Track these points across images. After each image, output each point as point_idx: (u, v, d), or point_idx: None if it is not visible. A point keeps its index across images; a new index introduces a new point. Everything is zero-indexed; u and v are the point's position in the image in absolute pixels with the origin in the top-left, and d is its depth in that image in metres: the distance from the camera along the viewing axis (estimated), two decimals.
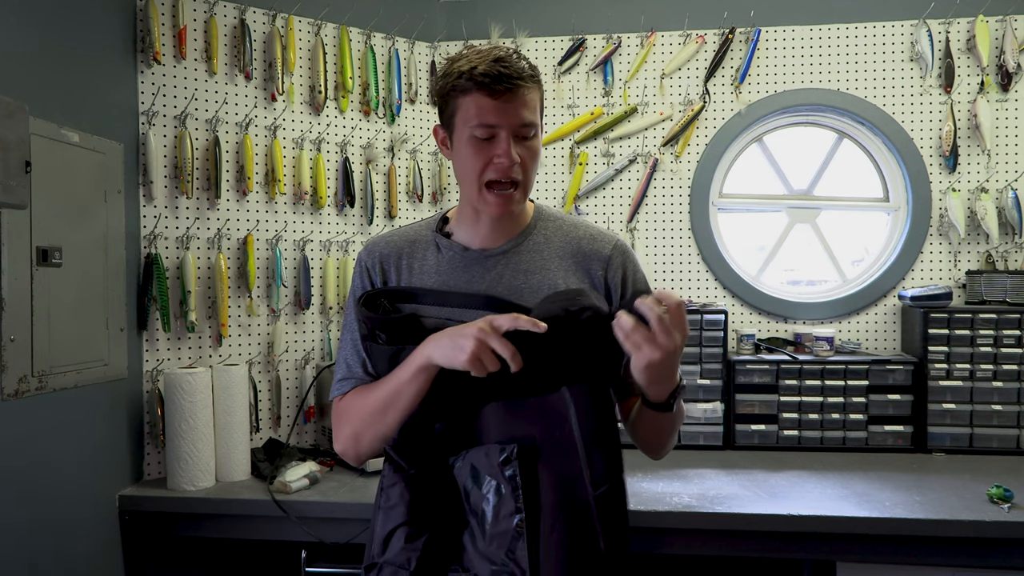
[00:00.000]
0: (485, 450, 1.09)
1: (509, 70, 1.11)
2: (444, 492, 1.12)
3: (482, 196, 1.16)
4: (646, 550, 1.84)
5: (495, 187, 1.15)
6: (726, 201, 2.72)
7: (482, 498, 1.08)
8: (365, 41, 2.53)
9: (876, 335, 2.59)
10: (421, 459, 1.13)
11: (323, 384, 2.36)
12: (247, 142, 2.27)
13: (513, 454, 1.06)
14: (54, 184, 1.73)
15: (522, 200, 1.19)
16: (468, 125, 1.14)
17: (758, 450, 2.36)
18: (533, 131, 1.15)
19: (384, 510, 1.12)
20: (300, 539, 1.92)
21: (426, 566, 1.07)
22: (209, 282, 2.21)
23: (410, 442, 1.13)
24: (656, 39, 2.64)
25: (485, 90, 1.11)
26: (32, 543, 1.64)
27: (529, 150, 1.15)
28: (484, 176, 1.15)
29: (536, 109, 1.16)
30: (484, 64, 1.11)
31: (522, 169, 1.15)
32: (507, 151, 1.12)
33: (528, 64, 1.15)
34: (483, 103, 1.11)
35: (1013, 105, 2.51)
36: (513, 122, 1.12)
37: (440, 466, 1.13)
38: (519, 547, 1.03)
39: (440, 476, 1.13)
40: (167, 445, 2.00)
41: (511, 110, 1.12)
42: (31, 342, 1.64)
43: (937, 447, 2.32)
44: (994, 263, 2.50)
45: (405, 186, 2.64)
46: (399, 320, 1.16)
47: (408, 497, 1.10)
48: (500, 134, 1.13)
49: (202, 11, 2.22)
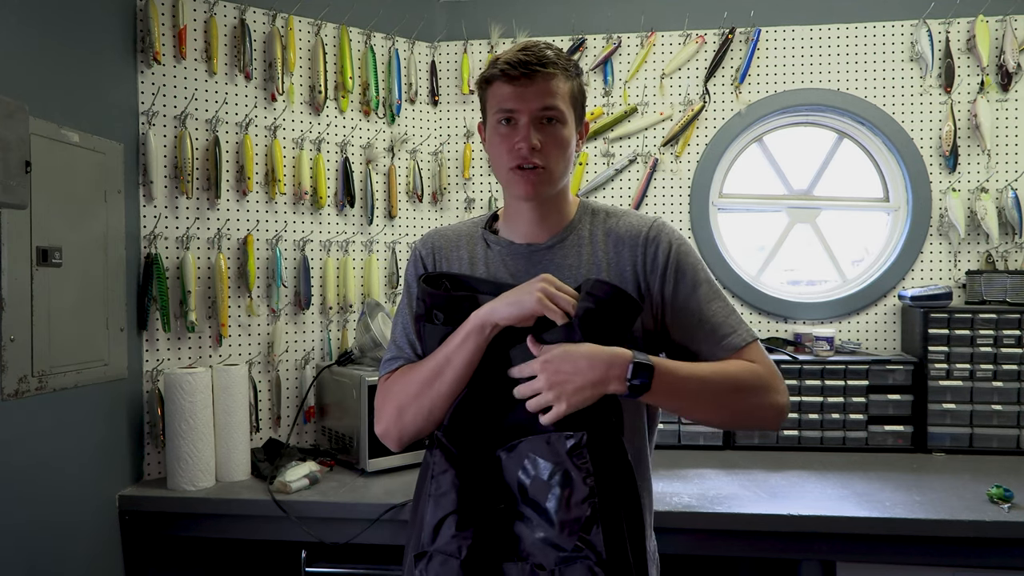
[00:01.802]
0: (546, 438, 1.05)
1: (529, 57, 1.12)
2: (492, 482, 1.10)
3: (509, 180, 1.17)
4: None
5: (518, 171, 1.16)
6: (726, 201, 2.72)
7: (546, 487, 1.04)
8: (365, 41, 2.53)
9: (876, 335, 2.59)
10: (472, 447, 1.11)
11: (323, 384, 2.36)
12: (247, 142, 2.27)
13: (583, 441, 1.03)
14: (54, 184, 1.73)
15: (549, 183, 1.17)
16: (492, 113, 1.17)
17: (758, 450, 2.35)
18: (556, 117, 1.14)
19: (434, 498, 1.09)
20: (300, 539, 1.92)
21: (476, 555, 1.05)
22: (209, 282, 2.21)
23: (462, 428, 1.11)
24: (656, 39, 2.64)
25: (505, 77, 1.13)
26: (32, 543, 1.64)
27: (552, 136, 1.15)
28: (508, 161, 1.16)
29: (561, 96, 1.15)
30: (509, 53, 1.15)
31: (544, 154, 1.14)
32: (526, 136, 1.13)
33: (556, 53, 1.16)
34: (504, 90, 1.14)
35: (1013, 105, 2.51)
36: (532, 107, 1.13)
37: (488, 456, 1.11)
38: (594, 532, 1.01)
39: (489, 466, 1.10)
40: (167, 445, 2.00)
41: (529, 95, 1.13)
42: (31, 342, 1.64)
43: (937, 447, 2.32)
44: (994, 263, 2.50)
45: (405, 186, 2.64)
46: (458, 299, 1.15)
47: (459, 484, 1.07)
48: (520, 119, 1.14)
49: (202, 11, 2.22)
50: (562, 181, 1.20)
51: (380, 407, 1.23)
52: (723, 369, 1.13)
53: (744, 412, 1.15)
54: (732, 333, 1.16)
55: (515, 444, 1.08)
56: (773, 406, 1.14)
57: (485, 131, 1.22)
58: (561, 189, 1.21)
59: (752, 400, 1.13)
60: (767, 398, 1.14)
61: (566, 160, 1.18)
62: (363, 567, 1.98)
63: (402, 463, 2.17)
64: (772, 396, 1.14)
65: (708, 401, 1.12)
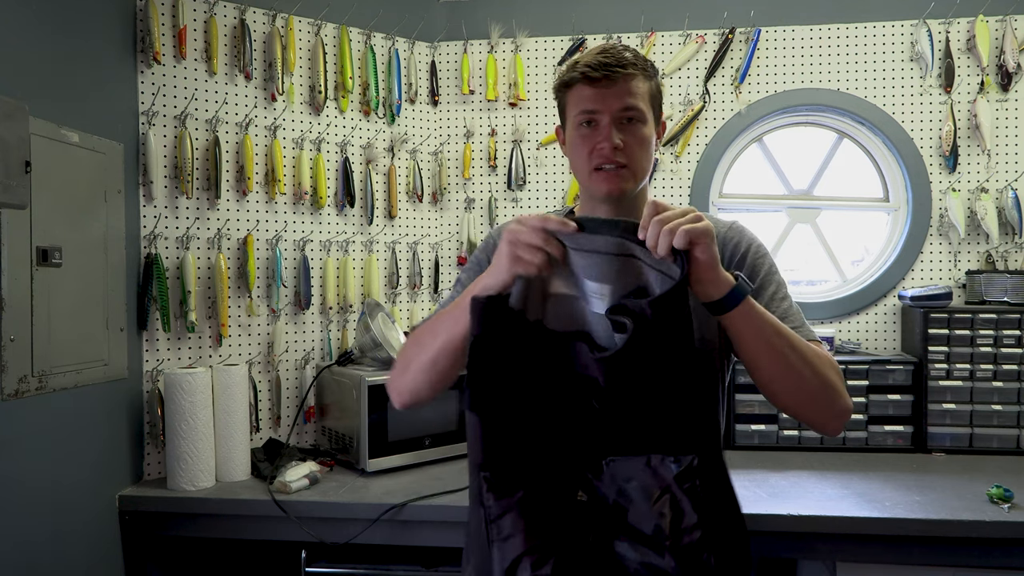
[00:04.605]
0: (646, 460, 0.97)
1: (609, 59, 1.14)
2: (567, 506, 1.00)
3: (592, 180, 1.18)
4: None
5: (601, 171, 1.16)
6: (726, 201, 2.72)
7: (650, 514, 0.96)
8: (365, 41, 2.53)
9: (876, 335, 2.59)
10: (528, 479, 1.01)
11: (323, 384, 2.36)
12: (247, 142, 2.27)
13: (694, 465, 0.94)
14: (54, 184, 1.73)
15: (632, 180, 1.17)
16: (573, 115, 1.18)
17: (758, 450, 2.35)
18: (637, 116, 1.16)
19: (498, 544, 1.01)
20: (300, 539, 1.92)
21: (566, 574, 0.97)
22: (209, 282, 2.21)
23: (508, 462, 1.01)
24: (656, 39, 2.64)
25: (586, 80, 1.15)
26: (32, 543, 1.64)
27: (634, 136, 1.16)
28: (590, 162, 1.17)
29: (641, 96, 1.17)
30: (588, 56, 1.16)
31: (626, 154, 1.15)
32: (608, 136, 1.14)
33: (634, 55, 1.18)
34: (584, 92, 1.16)
35: (1013, 105, 2.51)
36: (613, 107, 1.14)
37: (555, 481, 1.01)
38: (704, 559, 0.94)
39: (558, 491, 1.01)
40: (167, 445, 2.00)
41: (610, 96, 1.14)
42: (31, 342, 1.64)
43: (937, 447, 2.32)
44: (994, 263, 2.50)
45: (405, 186, 2.64)
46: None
47: (523, 524, 0.99)
48: (602, 120, 1.15)
49: (202, 11, 2.22)
50: (644, 179, 1.21)
51: (395, 362, 1.25)
52: (805, 342, 1.11)
53: (818, 388, 1.10)
54: (802, 326, 1.19)
55: (609, 461, 0.99)
56: (843, 398, 1.12)
57: (564, 134, 1.24)
58: (641, 189, 1.22)
59: (827, 378, 1.10)
60: (839, 387, 1.12)
61: (648, 158, 1.19)
62: (363, 567, 1.98)
63: (402, 463, 2.17)
64: (843, 389, 1.13)
65: (787, 354, 1.07)
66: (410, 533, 1.88)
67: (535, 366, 1.01)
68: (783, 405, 1.15)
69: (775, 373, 1.09)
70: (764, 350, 1.07)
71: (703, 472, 0.95)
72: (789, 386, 1.11)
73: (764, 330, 1.05)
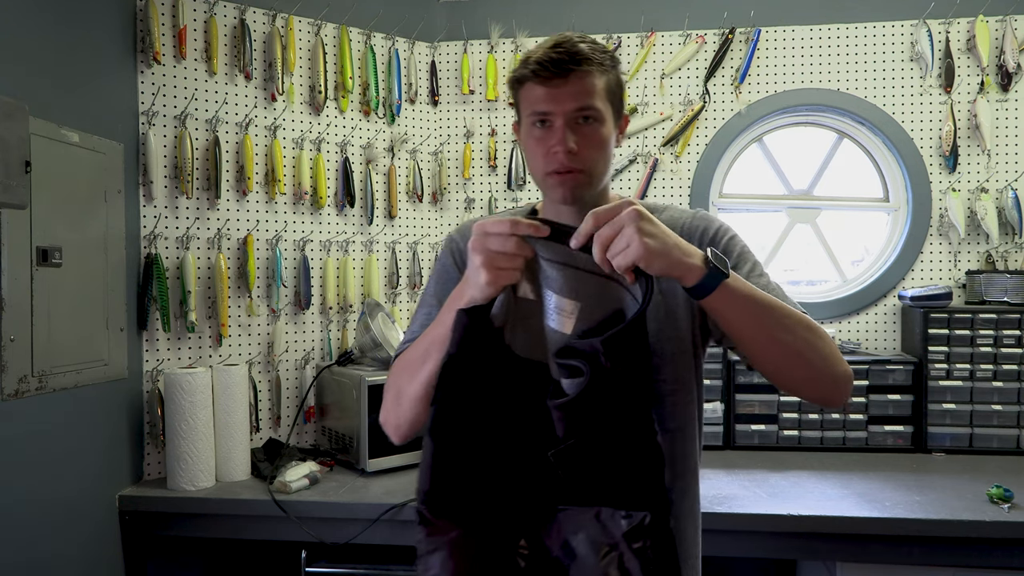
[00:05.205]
0: (595, 513, 0.88)
1: (562, 54, 1.05)
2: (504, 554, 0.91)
3: (547, 184, 1.11)
4: None
5: (556, 175, 1.09)
6: (726, 201, 2.72)
7: (595, 570, 0.87)
8: (365, 41, 2.53)
9: (876, 335, 2.59)
10: (469, 518, 0.90)
11: (323, 384, 2.36)
12: (247, 142, 2.27)
13: (645, 523, 0.86)
14: (54, 184, 1.73)
15: (589, 185, 1.10)
16: (526, 115, 1.11)
17: (758, 450, 2.36)
18: (593, 116, 1.08)
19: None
20: (300, 539, 1.92)
21: None
22: (209, 282, 2.21)
23: (450, 493, 0.91)
24: (656, 39, 2.64)
25: (538, 78, 1.06)
26: (32, 543, 1.64)
27: (590, 137, 1.08)
28: (545, 166, 1.09)
29: (597, 93, 1.08)
30: (540, 51, 1.07)
31: (581, 158, 1.07)
32: (561, 139, 1.06)
33: (591, 47, 1.08)
34: (536, 92, 1.07)
35: (1013, 105, 2.51)
36: (567, 108, 1.06)
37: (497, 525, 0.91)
38: None
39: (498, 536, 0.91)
40: (167, 445, 2.00)
41: (563, 96, 1.06)
42: (31, 342, 1.64)
43: (937, 447, 2.32)
44: (994, 263, 2.50)
45: (405, 186, 2.64)
46: None
47: (452, 566, 0.90)
48: (555, 122, 1.07)
49: (202, 11, 2.22)
50: (602, 181, 1.13)
51: (384, 395, 1.14)
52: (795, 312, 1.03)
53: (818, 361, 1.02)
54: (785, 300, 1.09)
55: (559, 512, 0.91)
56: (841, 364, 1.04)
57: (520, 132, 1.16)
58: (602, 189, 1.15)
59: (825, 348, 1.03)
60: (836, 354, 1.04)
61: (605, 160, 1.12)
62: (363, 567, 1.98)
63: (402, 463, 2.17)
64: (840, 355, 1.05)
65: (780, 326, 0.99)
66: (410, 533, 1.87)
67: (503, 395, 0.92)
68: (783, 381, 1.08)
69: (769, 347, 1.02)
70: (754, 325, 0.99)
71: (654, 532, 0.87)
72: (786, 359, 1.03)
73: (750, 305, 0.97)
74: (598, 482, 0.88)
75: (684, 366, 1.14)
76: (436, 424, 0.91)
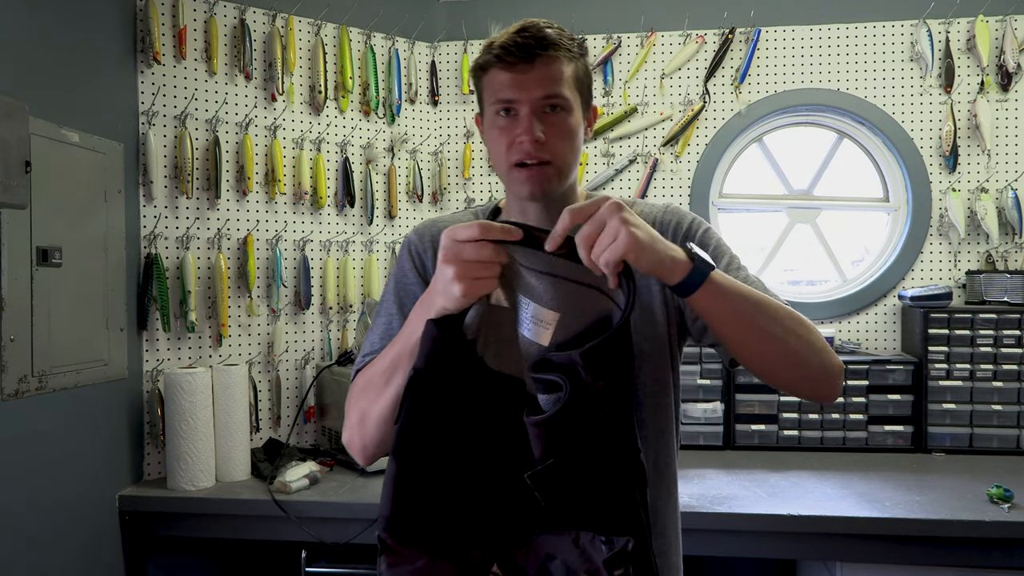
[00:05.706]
0: (573, 538, 0.83)
1: (527, 39, 1.01)
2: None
3: (512, 177, 1.05)
4: None
5: (522, 167, 1.03)
6: (726, 201, 2.72)
7: None
8: (365, 41, 2.53)
9: (876, 335, 2.59)
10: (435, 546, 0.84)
11: (323, 384, 2.36)
12: (247, 142, 2.27)
13: (628, 548, 0.80)
14: (54, 184, 1.73)
15: (557, 178, 1.04)
16: (489, 103, 1.05)
17: (758, 450, 2.36)
18: (560, 104, 1.02)
19: None
20: (300, 539, 1.92)
21: None
22: (209, 282, 2.21)
23: (415, 518, 0.84)
24: (656, 39, 2.64)
25: (502, 63, 1.02)
26: (32, 543, 1.64)
27: (557, 127, 1.03)
28: (509, 158, 1.03)
29: (565, 81, 1.03)
30: (505, 36, 1.03)
31: (549, 148, 1.02)
32: (528, 128, 1.01)
33: (558, 32, 1.04)
34: (501, 78, 1.02)
35: (1013, 105, 2.51)
36: (533, 95, 1.01)
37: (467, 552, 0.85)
38: None
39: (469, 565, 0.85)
40: (167, 445, 2.00)
41: (529, 83, 1.01)
42: (31, 342, 1.64)
43: (937, 447, 2.32)
44: (994, 263, 2.50)
45: (405, 186, 2.64)
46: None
47: None
48: (521, 110, 1.02)
49: (202, 11, 2.22)
50: (571, 175, 1.08)
51: (347, 413, 1.04)
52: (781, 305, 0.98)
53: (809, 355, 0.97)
54: (767, 292, 1.03)
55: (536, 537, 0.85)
56: (831, 355, 1.00)
57: (483, 123, 1.10)
58: (570, 185, 1.09)
59: (816, 342, 0.98)
60: (825, 345, 0.99)
61: (574, 151, 1.06)
62: (363, 567, 1.98)
63: None
64: (829, 347, 1.00)
65: (769, 321, 0.95)
66: None
67: (475, 412, 0.85)
68: (774, 377, 1.02)
69: (759, 343, 0.97)
70: (742, 321, 0.94)
71: (637, 558, 0.81)
72: (777, 355, 0.98)
73: (738, 301, 0.92)
74: (578, 505, 0.82)
75: (663, 367, 1.10)
76: (400, 444, 0.84)
